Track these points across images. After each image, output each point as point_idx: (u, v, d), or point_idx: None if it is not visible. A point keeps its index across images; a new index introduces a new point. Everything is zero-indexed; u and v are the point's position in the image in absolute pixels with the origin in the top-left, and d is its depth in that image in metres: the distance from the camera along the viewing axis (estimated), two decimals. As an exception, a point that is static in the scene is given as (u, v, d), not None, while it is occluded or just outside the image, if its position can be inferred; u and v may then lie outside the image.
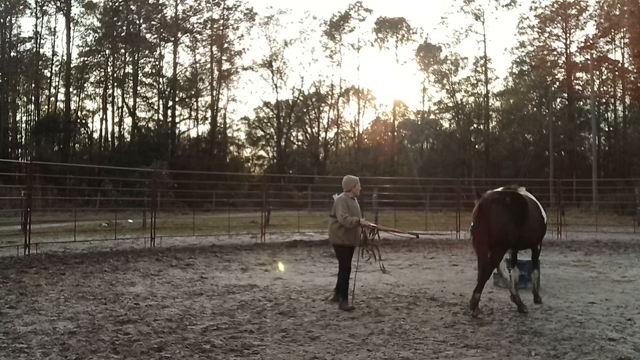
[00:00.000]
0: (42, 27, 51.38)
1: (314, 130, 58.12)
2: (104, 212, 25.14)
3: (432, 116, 57.16)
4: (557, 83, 52.25)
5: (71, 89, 51.31)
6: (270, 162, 58.17)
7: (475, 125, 56.40)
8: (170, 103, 52.88)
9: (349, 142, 60.54)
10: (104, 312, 6.81)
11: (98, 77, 52.61)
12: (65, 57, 50.96)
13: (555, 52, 53.19)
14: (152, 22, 52.48)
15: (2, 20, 49.42)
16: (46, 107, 53.56)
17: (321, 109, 57.81)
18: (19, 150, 53.03)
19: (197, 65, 54.24)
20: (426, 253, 14.15)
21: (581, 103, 52.57)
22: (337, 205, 7.39)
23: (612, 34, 51.06)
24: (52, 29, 52.57)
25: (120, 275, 9.90)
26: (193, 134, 55.79)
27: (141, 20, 52.26)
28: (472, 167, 52.09)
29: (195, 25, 53.75)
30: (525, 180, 36.93)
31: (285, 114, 56.44)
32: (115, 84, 51.77)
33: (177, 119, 53.61)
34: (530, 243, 7.55)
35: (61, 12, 51.08)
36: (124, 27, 51.87)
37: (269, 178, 31.66)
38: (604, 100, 52.04)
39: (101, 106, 52.51)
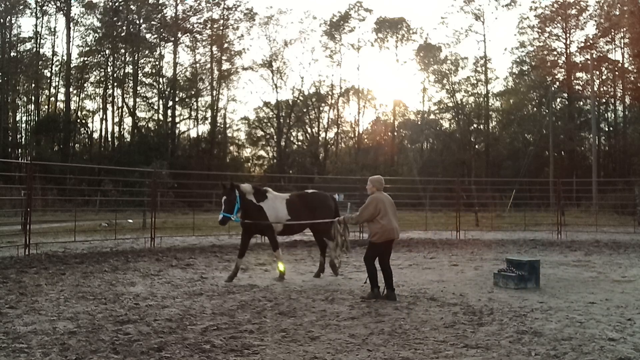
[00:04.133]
0: (42, 27, 51.51)
1: (314, 130, 58.08)
2: (104, 212, 25.13)
3: (432, 116, 57.18)
4: (557, 83, 52.23)
5: (71, 89, 51.33)
6: (270, 162, 58.14)
7: (475, 125, 56.40)
8: (170, 103, 52.89)
9: (349, 142, 60.50)
10: (104, 312, 6.81)
11: (98, 77, 52.70)
12: (65, 57, 51.06)
13: (555, 52, 53.22)
14: (152, 22, 52.47)
15: (2, 20, 49.41)
16: (46, 107, 53.58)
17: (321, 109, 57.76)
18: (19, 150, 53.03)
19: (197, 65, 54.31)
20: (426, 253, 14.14)
21: (581, 103, 52.58)
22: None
23: (612, 34, 51.05)
24: (52, 29, 52.69)
25: (120, 275, 9.90)
26: (193, 134, 55.89)
27: (141, 20, 52.28)
28: (472, 167, 52.07)
29: (195, 25, 53.81)
30: (525, 180, 37.02)
31: (285, 114, 56.37)
32: (115, 84, 51.77)
33: (177, 119, 53.67)
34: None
35: (61, 12, 51.15)
36: (124, 27, 51.86)
37: (269, 178, 31.63)
38: (604, 100, 52.04)
39: (101, 106, 52.58)
